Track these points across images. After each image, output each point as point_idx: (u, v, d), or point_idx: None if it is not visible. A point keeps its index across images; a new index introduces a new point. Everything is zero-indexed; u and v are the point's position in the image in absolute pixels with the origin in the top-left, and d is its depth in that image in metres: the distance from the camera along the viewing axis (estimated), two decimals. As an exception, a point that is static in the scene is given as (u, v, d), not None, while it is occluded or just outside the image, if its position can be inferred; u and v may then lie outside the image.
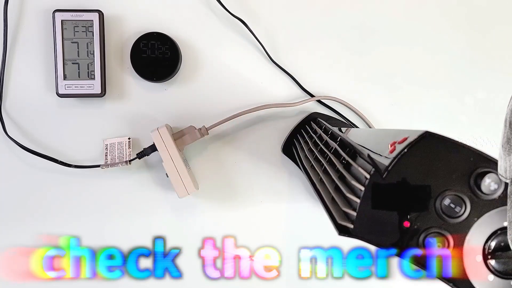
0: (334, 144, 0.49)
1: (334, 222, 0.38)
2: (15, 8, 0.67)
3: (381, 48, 0.70)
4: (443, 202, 0.33)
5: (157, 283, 0.67)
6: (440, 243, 0.33)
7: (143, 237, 0.66)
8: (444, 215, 0.33)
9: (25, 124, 0.68)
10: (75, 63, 0.66)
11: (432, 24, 0.70)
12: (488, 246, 0.33)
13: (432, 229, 0.34)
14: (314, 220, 0.69)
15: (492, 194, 0.33)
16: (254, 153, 0.70)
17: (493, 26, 0.71)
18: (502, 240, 0.33)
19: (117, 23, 0.68)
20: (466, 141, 0.34)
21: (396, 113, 0.71)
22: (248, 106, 0.67)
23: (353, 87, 0.70)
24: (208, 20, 0.69)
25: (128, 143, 0.68)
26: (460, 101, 0.71)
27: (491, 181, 0.33)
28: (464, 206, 0.33)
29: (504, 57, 0.71)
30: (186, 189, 0.63)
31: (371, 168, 0.35)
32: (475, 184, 0.33)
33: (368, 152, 0.38)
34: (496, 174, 0.33)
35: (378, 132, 0.47)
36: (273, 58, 0.69)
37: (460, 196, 0.33)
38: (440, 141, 0.33)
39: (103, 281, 0.66)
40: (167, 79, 0.67)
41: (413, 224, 0.34)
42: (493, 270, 0.33)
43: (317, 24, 0.70)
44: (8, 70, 0.67)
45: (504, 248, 0.33)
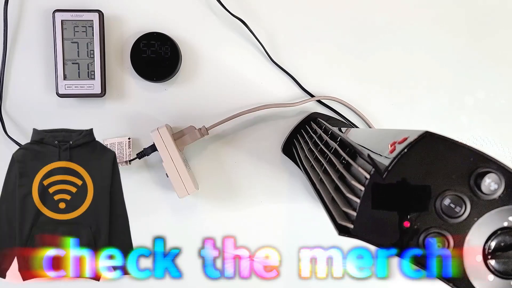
0: (334, 144, 0.49)
1: (334, 222, 0.38)
2: (15, 8, 0.67)
3: (381, 48, 0.70)
4: (443, 202, 0.33)
5: (157, 283, 0.67)
6: (440, 243, 0.33)
7: (143, 237, 0.66)
8: (444, 215, 0.33)
9: (25, 124, 0.68)
10: (75, 63, 0.66)
11: (432, 24, 0.70)
12: (488, 246, 0.33)
13: (432, 229, 0.34)
14: (314, 220, 0.69)
15: (492, 194, 0.33)
16: (254, 153, 0.70)
17: (493, 27, 0.71)
18: (502, 240, 0.33)
19: (117, 23, 0.68)
20: (466, 141, 0.34)
21: (396, 113, 0.71)
22: (248, 106, 0.67)
23: (353, 87, 0.70)
24: (208, 20, 0.69)
25: (128, 143, 0.68)
26: (460, 101, 0.71)
27: (491, 181, 0.33)
28: (464, 206, 0.33)
29: (504, 57, 0.71)
30: (186, 189, 0.63)
31: (371, 168, 0.35)
32: (475, 184, 0.33)
33: (368, 152, 0.38)
34: (496, 174, 0.33)
35: (378, 132, 0.47)
36: (273, 58, 0.69)
37: (460, 196, 0.33)
38: (440, 141, 0.33)
39: (103, 281, 0.66)
40: (167, 79, 0.67)
41: (413, 224, 0.34)
42: (493, 270, 0.33)
43: (317, 24, 0.70)
44: (8, 70, 0.67)
45: (504, 248, 0.33)
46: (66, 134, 0.60)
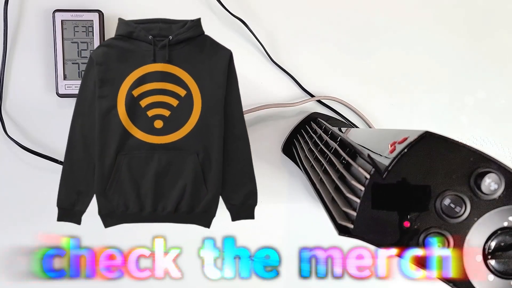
0: (334, 144, 0.49)
1: (334, 222, 0.38)
2: (15, 8, 0.67)
3: (381, 48, 0.70)
4: (443, 202, 0.33)
5: (157, 283, 0.67)
6: (440, 243, 0.33)
7: (143, 237, 0.66)
8: (444, 215, 0.33)
9: (25, 124, 0.68)
10: (75, 63, 0.66)
11: (432, 24, 0.70)
12: (488, 246, 0.33)
13: (432, 229, 0.34)
14: (314, 220, 0.69)
15: (492, 194, 0.33)
16: (254, 153, 0.70)
17: (493, 27, 0.71)
18: (502, 240, 0.33)
19: (117, 23, 0.68)
20: (466, 141, 0.34)
21: (396, 113, 0.71)
22: (248, 106, 0.67)
23: (353, 87, 0.70)
24: (208, 20, 0.69)
25: (128, 143, 0.67)
26: (460, 101, 0.71)
27: (491, 181, 0.33)
28: (464, 206, 0.33)
29: (504, 57, 0.71)
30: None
31: (371, 168, 0.35)
32: (475, 184, 0.33)
33: (368, 152, 0.38)
34: (496, 174, 0.33)
35: (378, 132, 0.47)
36: (273, 58, 0.69)
37: (460, 196, 0.33)
38: (440, 141, 0.33)
39: (103, 281, 0.66)
40: (167, 79, 0.67)
41: (413, 224, 0.34)
42: (493, 270, 0.33)
43: (317, 24, 0.70)
44: (8, 70, 0.67)
45: (504, 248, 0.33)
46: (163, 26, 0.45)
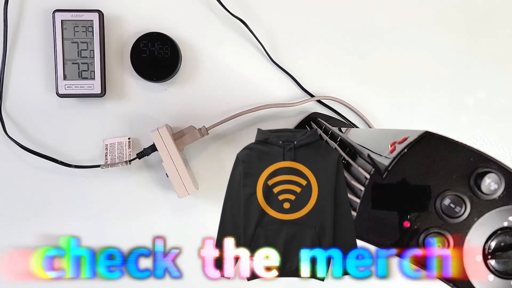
0: (334, 144, 0.49)
1: (334, 222, 0.38)
2: (15, 8, 0.67)
3: (381, 48, 0.70)
4: (443, 202, 0.33)
5: (157, 283, 0.67)
6: (440, 243, 0.33)
7: (143, 237, 0.66)
8: (444, 215, 0.33)
9: (25, 124, 0.68)
10: (75, 63, 0.66)
11: (432, 24, 0.70)
12: (488, 246, 0.33)
13: (432, 229, 0.34)
14: (314, 220, 0.69)
15: (492, 194, 0.33)
16: (254, 153, 0.70)
17: (493, 27, 0.71)
18: (502, 240, 0.33)
19: (117, 23, 0.68)
20: (466, 141, 0.34)
21: (396, 113, 0.71)
22: (248, 106, 0.67)
23: (353, 87, 0.70)
24: (208, 20, 0.69)
25: (128, 143, 0.68)
26: (460, 101, 0.71)
27: (491, 181, 0.33)
28: (464, 206, 0.33)
29: (504, 57, 0.71)
30: (186, 189, 0.63)
31: (371, 168, 0.35)
32: (475, 184, 0.33)
33: (368, 152, 0.38)
34: (496, 174, 0.33)
35: (378, 132, 0.47)
36: (273, 58, 0.69)
37: (460, 196, 0.33)
38: (440, 141, 0.33)
39: (103, 281, 0.66)
40: (167, 79, 0.67)
41: (413, 224, 0.34)
42: (493, 270, 0.33)
43: (317, 24, 0.70)
44: (8, 70, 0.67)
45: (504, 248, 0.33)
46: (290, 134, 0.58)
